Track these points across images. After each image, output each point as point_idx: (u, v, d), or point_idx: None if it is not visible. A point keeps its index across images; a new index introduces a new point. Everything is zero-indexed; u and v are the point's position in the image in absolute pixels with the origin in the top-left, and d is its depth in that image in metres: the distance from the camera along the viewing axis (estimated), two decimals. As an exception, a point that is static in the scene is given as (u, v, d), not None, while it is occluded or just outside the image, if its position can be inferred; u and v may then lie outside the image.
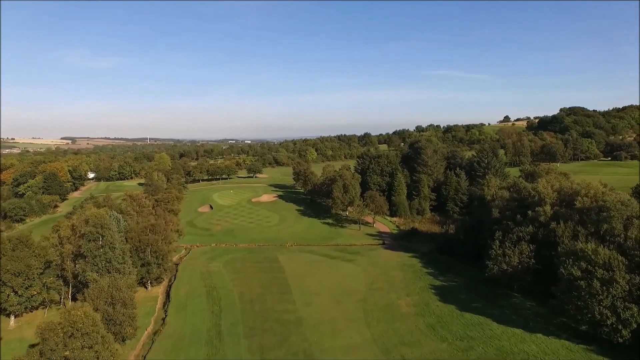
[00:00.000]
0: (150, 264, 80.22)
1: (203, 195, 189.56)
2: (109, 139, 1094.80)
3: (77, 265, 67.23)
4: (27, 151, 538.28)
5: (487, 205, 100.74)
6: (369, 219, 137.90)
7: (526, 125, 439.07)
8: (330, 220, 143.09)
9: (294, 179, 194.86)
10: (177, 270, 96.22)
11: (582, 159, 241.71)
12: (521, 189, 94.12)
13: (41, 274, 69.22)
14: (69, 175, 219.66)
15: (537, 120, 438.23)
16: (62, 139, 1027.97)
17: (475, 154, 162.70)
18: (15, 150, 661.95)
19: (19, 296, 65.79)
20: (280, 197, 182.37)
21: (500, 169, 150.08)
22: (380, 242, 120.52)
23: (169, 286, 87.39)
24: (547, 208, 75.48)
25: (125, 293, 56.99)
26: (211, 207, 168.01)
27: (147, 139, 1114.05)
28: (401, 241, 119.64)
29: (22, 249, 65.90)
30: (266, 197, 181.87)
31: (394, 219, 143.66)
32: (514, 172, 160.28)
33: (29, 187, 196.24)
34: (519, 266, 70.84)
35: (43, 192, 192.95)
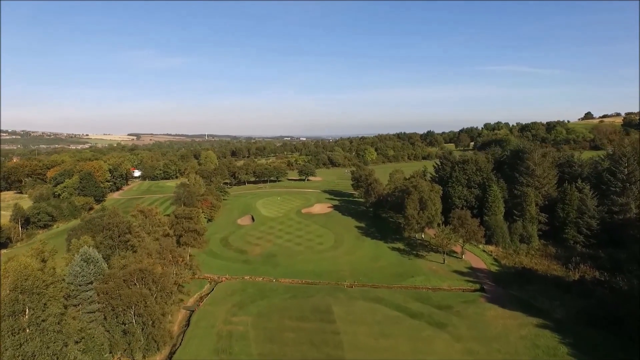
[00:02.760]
0: (134, 332, 51.49)
1: (245, 202, 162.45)
2: (170, 135, 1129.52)
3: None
4: (90, 147, 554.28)
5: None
6: (457, 248, 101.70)
7: (622, 121, 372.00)
8: (401, 245, 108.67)
9: (352, 185, 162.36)
10: (187, 325, 67.55)
11: None
12: None
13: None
14: (109, 175, 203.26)
15: (638, 117, 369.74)
16: (128, 135, 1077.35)
17: (601, 160, 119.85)
18: (86, 146, 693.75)
19: None
20: (335, 207, 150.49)
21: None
22: (477, 286, 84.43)
23: (170, 356, 58.54)
24: None
25: None
26: (253, 218, 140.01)
27: (205, 135, 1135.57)
28: (509, 288, 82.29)
29: None
30: (319, 208, 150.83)
31: (489, 247, 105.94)
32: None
33: (65, 187, 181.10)
34: None
35: (78, 193, 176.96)
